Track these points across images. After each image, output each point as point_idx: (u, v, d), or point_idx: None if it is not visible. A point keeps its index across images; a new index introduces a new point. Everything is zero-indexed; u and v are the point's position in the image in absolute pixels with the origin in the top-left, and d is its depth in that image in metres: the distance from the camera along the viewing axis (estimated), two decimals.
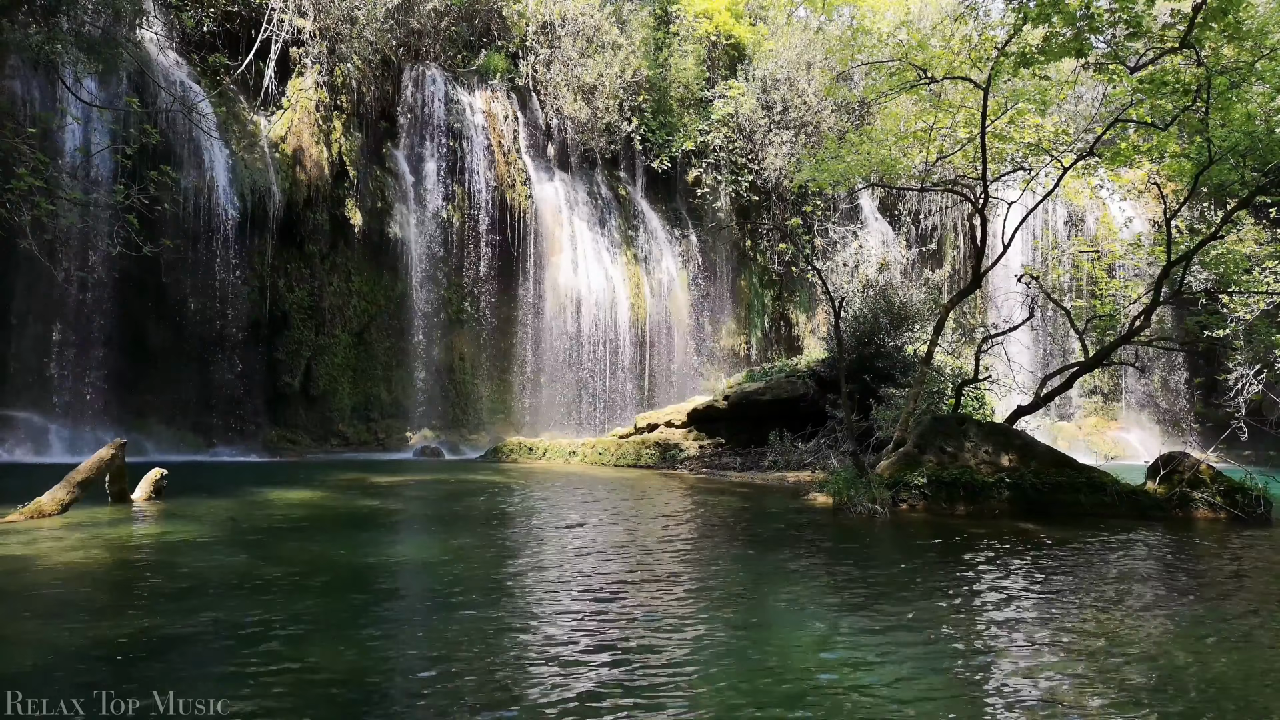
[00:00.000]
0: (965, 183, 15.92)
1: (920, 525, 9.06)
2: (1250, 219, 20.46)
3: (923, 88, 12.86)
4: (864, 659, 4.11)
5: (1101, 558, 7.19)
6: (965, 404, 15.42)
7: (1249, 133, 10.25)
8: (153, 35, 18.61)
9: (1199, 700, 3.67)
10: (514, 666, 3.91)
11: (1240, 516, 9.56)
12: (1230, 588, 6.13)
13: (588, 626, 4.60)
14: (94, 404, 17.33)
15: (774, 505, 10.67)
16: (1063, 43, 10.25)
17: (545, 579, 5.93)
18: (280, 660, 3.90)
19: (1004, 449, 10.54)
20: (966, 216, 27.23)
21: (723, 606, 5.17)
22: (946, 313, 13.28)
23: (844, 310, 16.18)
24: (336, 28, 20.90)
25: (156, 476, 9.52)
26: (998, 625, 4.86)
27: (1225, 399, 20.58)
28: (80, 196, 14.34)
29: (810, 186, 19.30)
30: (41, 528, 7.34)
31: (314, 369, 20.57)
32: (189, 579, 5.62)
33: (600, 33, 25.39)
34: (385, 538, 7.92)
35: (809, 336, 28.02)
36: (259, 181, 19.27)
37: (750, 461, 16.36)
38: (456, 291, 22.89)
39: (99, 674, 3.71)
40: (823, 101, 26.47)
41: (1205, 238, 12.11)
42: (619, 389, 24.43)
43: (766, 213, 27.62)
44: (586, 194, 25.67)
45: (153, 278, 16.84)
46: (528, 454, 18.66)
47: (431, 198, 22.48)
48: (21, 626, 4.39)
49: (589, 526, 8.55)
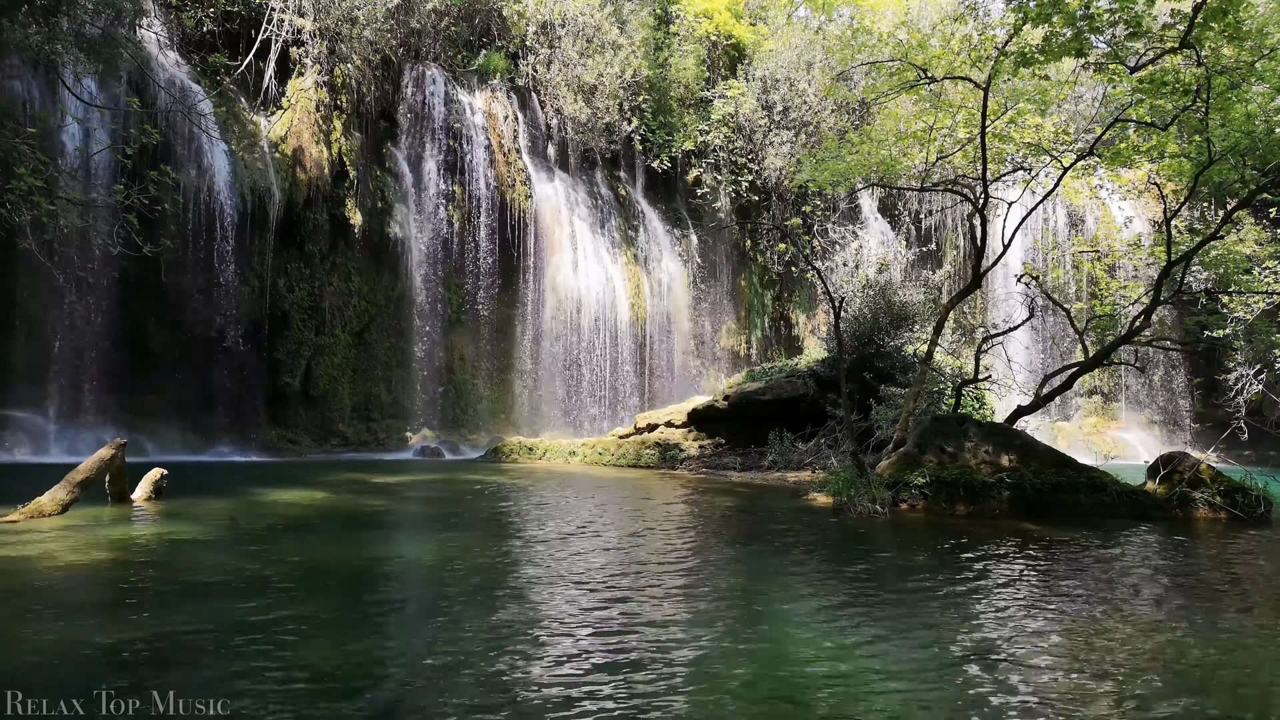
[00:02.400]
0: (965, 183, 15.91)
1: (920, 525, 9.06)
2: (1250, 219, 20.46)
3: (923, 88, 12.85)
4: (864, 659, 4.11)
5: (1102, 558, 7.19)
6: (965, 404, 15.42)
7: (1249, 133, 10.25)
8: (153, 35, 18.60)
9: (1200, 700, 3.67)
10: (514, 666, 3.91)
11: (1240, 516, 9.55)
12: (1231, 588, 6.12)
13: (588, 627, 4.60)
14: (94, 404, 17.32)
15: (774, 505, 10.67)
16: (1063, 42, 10.24)
17: (545, 579, 5.93)
18: (280, 660, 3.90)
19: (1004, 449, 10.54)
20: (966, 216, 27.22)
21: (722, 606, 5.17)
22: (946, 313, 13.28)
23: (844, 310, 16.19)
24: (336, 28, 20.89)
25: (156, 476, 9.51)
26: (998, 625, 4.86)
27: (1225, 399, 20.57)
28: (80, 196, 14.34)
29: (810, 186, 19.29)
30: (41, 528, 7.33)
31: (314, 369, 20.57)
32: (189, 579, 5.61)
33: (600, 33, 25.40)
34: (385, 538, 7.92)
35: (809, 336, 28.02)
36: (259, 181, 19.27)
37: (750, 461, 16.35)
38: (456, 291, 22.88)
39: (99, 674, 3.71)
40: (823, 101, 26.47)
41: (1205, 238, 12.10)
42: (619, 389, 24.42)
43: (766, 213, 27.61)
44: (586, 194, 25.67)
45: (153, 278, 16.84)
46: (528, 454, 18.65)
47: (431, 198, 22.48)
48: (21, 626, 4.39)
49: (589, 527, 8.55)
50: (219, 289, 18.56)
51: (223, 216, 18.52)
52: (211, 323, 18.53)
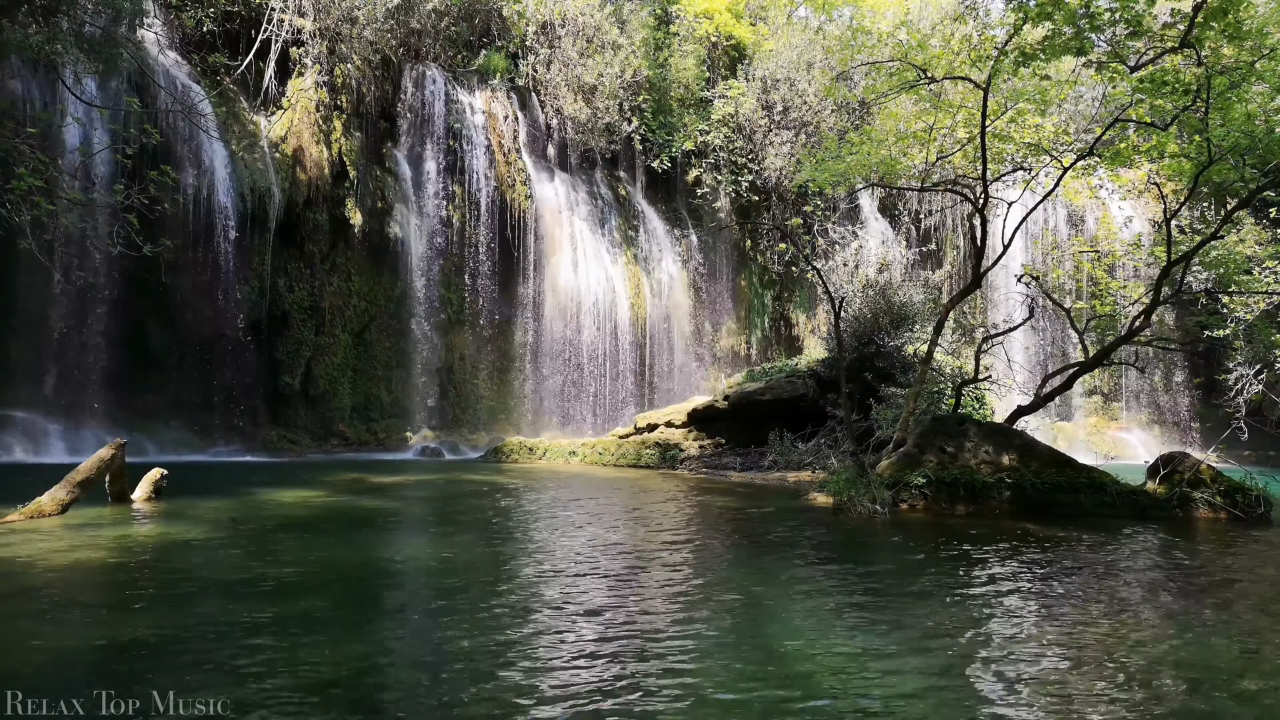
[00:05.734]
0: (965, 183, 15.91)
1: (920, 525, 9.06)
2: (1250, 219, 20.45)
3: (923, 88, 12.85)
4: (864, 659, 4.11)
5: (1102, 558, 7.18)
6: (965, 404, 15.42)
7: (1249, 132, 10.24)
8: (153, 35, 18.59)
9: (1202, 700, 3.67)
10: (515, 666, 3.91)
11: (1240, 516, 9.55)
12: (1232, 588, 6.12)
13: (588, 627, 4.60)
14: (94, 404, 17.31)
15: (774, 505, 10.67)
16: (1063, 40, 10.24)
17: (545, 579, 5.93)
18: (280, 660, 3.90)
19: (1004, 449, 10.54)
20: (966, 216, 27.22)
21: (723, 607, 5.17)
22: (946, 313, 13.27)
23: (844, 310, 16.18)
24: (336, 28, 20.89)
25: (156, 476, 9.51)
26: (999, 625, 4.86)
27: (1225, 399, 20.58)
28: (80, 196, 14.32)
29: (810, 186, 19.28)
30: (41, 528, 7.33)
31: (314, 369, 20.57)
32: (189, 579, 5.61)
33: (600, 33, 25.39)
34: (386, 538, 7.93)
35: (809, 336, 28.02)
36: (259, 181, 19.27)
37: (750, 461, 16.35)
38: (456, 291, 22.88)
39: (99, 674, 3.71)
40: (823, 101, 26.46)
41: (1205, 238, 12.11)
42: (619, 389, 24.42)
43: (766, 213, 27.60)
44: (587, 194, 25.67)
45: (153, 278, 16.81)
46: (528, 454, 18.65)
47: (431, 198, 22.48)
48: (21, 626, 4.39)
49: (589, 527, 8.55)
50: (219, 289, 18.55)
51: (223, 217, 18.51)
52: (211, 323, 18.53)
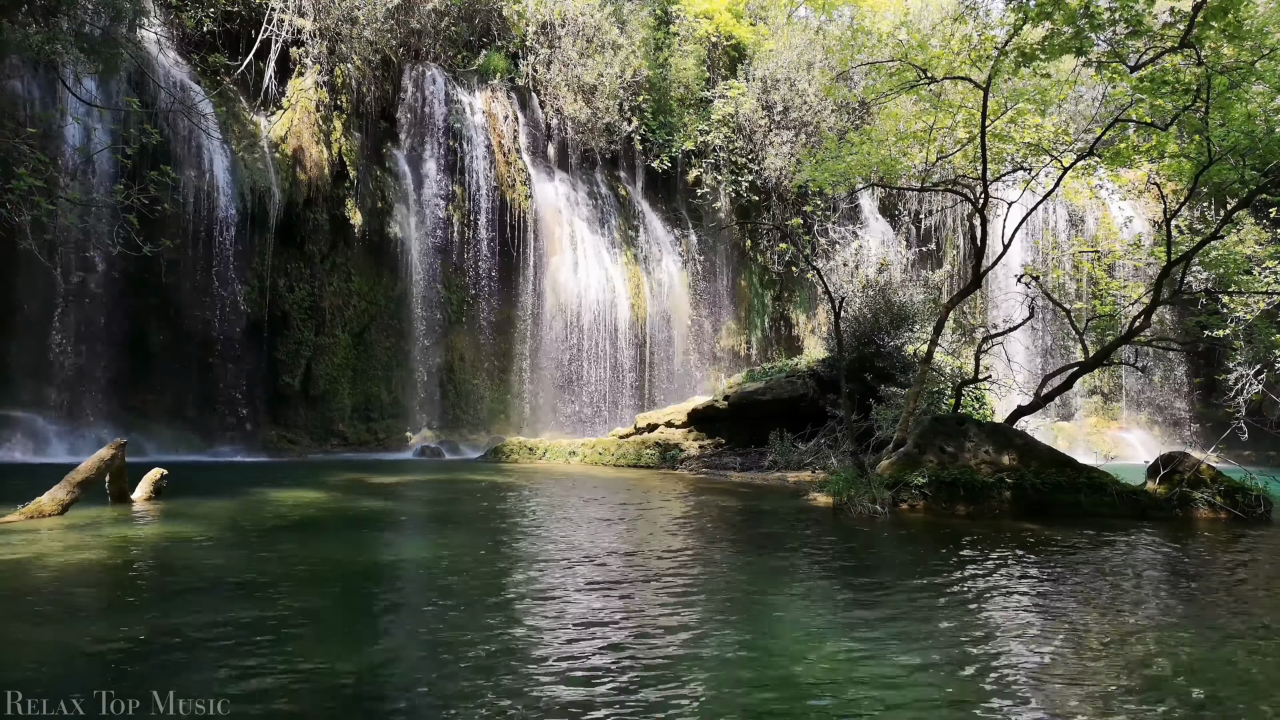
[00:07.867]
0: (965, 183, 15.90)
1: (920, 525, 9.06)
2: (1250, 219, 20.44)
3: (923, 88, 12.85)
4: (864, 659, 4.11)
5: (1102, 558, 7.18)
6: (965, 404, 15.41)
7: (1249, 132, 10.24)
8: (153, 35, 18.59)
9: (1201, 701, 3.67)
10: (515, 666, 3.91)
11: (1240, 516, 9.56)
12: (1232, 588, 6.12)
13: (588, 627, 4.59)
14: (94, 404, 17.31)
15: (774, 505, 10.67)
16: (1063, 40, 10.24)
17: (545, 579, 5.93)
18: (281, 660, 3.90)
19: (1004, 449, 10.54)
20: (966, 216, 27.22)
21: (723, 607, 5.17)
22: (946, 313, 13.28)
23: (844, 310, 16.18)
24: (336, 28, 20.88)
25: (156, 476, 9.51)
26: (999, 625, 4.86)
27: (1225, 399, 20.57)
28: (80, 196, 14.32)
29: (810, 186, 19.28)
30: (41, 528, 7.33)
31: (314, 369, 20.57)
32: (189, 579, 5.61)
33: (600, 33, 25.39)
34: (386, 538, 7.92)
35: (809, 336, 28.02)
36: (259, 181, 19.27)
37: (750, 461, 16.35)
38: (456, 291, 22.87)
39: (99, 674, 3.71)
40: (823, 101, 26.46)
41: (1205, 238, 12.10)
42: (619, 389, 24.42)
43: (766, 213, 27.60)
44: (586, 194, 25.67)
45: (153, 278, 16.83)
46: (528, 454, 18.65)
47: (431, 198, 22.47)
48: (21, 626, 4.39)
49: (589, 527, 8.55)
50: (219, 289, 18.55)
51: (223, 217, 18.51)
52: (211, 323, 18.53)
